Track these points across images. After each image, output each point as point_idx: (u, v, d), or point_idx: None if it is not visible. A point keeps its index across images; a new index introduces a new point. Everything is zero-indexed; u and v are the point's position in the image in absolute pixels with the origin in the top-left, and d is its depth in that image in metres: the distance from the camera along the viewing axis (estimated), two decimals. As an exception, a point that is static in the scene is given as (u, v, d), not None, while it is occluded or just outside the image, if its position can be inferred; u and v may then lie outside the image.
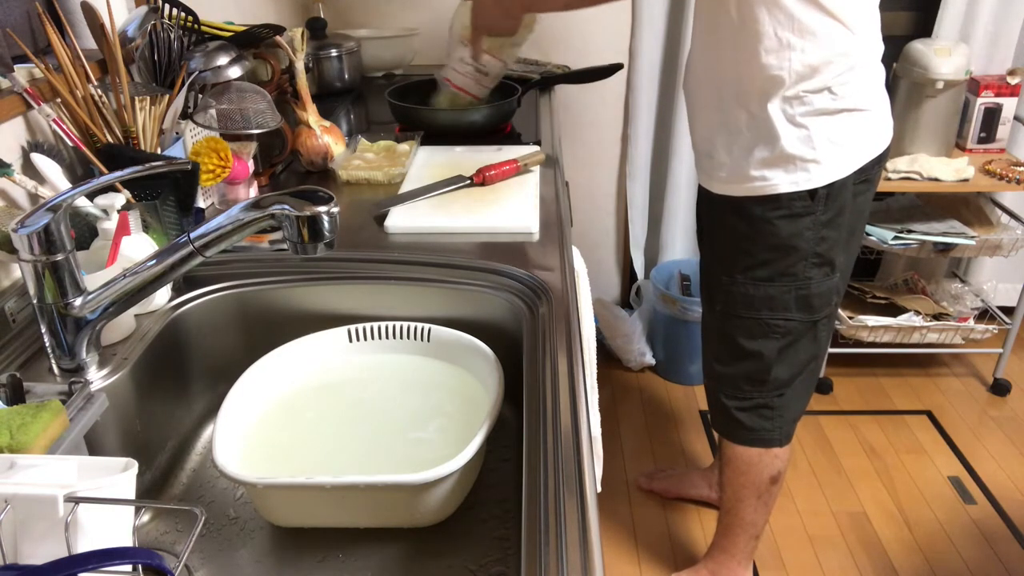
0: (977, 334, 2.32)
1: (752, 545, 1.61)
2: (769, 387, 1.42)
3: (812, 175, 1.24)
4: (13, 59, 0.97)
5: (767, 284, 1.33)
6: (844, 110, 1.22)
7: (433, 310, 1.00)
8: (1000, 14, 2.16)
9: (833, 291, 1.35)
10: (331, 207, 0.72)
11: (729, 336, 1.41)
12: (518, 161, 1.31)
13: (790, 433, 1.49)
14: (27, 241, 0.73)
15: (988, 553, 1.80)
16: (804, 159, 1.23)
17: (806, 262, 1.31)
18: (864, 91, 1.24)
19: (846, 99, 1.22)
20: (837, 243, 1.31)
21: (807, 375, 1.44)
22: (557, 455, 0.68)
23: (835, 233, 1.29)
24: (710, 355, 1.49)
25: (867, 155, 1.28)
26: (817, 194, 1.25)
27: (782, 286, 1.33)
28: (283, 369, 0.93)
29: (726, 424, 1.51)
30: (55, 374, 0.82)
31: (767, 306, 1.35)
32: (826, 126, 1.22)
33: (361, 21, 2.18)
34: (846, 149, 1.25)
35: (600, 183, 2.45)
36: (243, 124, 1.11)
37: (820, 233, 1.28)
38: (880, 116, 1.30)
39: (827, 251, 1.30)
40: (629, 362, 2.46)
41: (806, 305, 1.34)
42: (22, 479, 0.57)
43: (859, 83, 1.23)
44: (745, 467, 1.52)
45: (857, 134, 1.26)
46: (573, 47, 2.24)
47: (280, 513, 0.81)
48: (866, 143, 1.28)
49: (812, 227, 1.28)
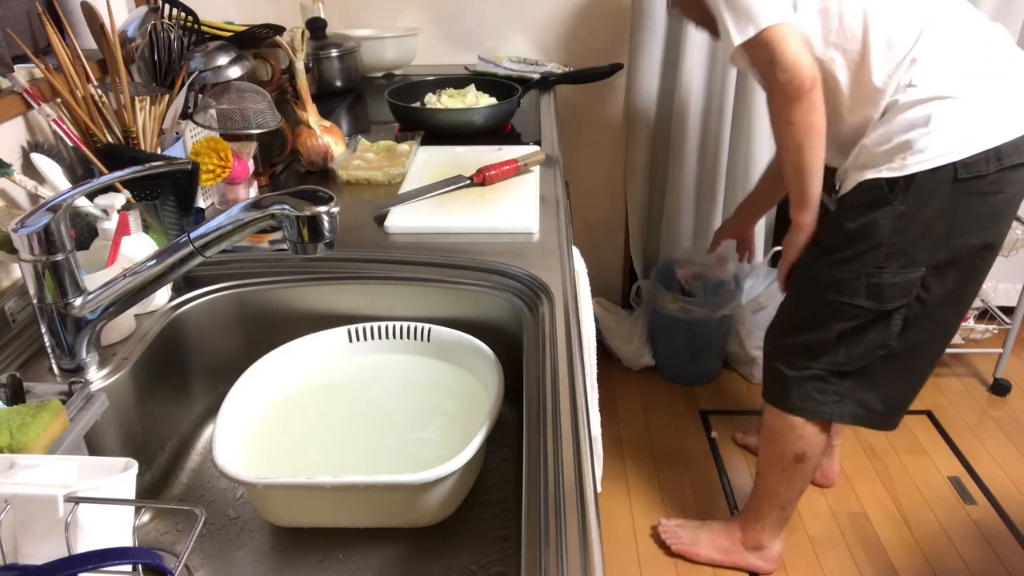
0: (977, 334, 2.32)
1: (777, 515, 1.66)
2: (825, 364, 1.46)
3: (892, 164, 1.27)
4: (13, 59, 0.97)
5: (837, 267, 1.37)
6: (922, 100, 1.24)
7: (433, 310, 1.00)
8: (1000, 14, 2.15)
9: (913, 285, 1.33)
10: (331, 207, 0.72)
11: (793, 309, 1.48)
12: (518, 161, 1.31)
13: (847, 415, 1.50)
14: (27, 241, 0.73)
15: (988, 553, 1.80)
16: (883, 151, 1.28)
17: (878, 251, 1.32)
18: (945, 78, 1.24)
19: (925, 88, 1.24)
20: (921, 237, 1.29)
21: (884, 365, 1.44)
22: (557, 455, 0.68)
23: (916, 226, 1.29)
24: (772, 326, 1.54)
25: (965, 149, 1.24)
26: (897, 185, 1.27)
27: (851, 271, 1.35)
28: (283, 369, 0.93)
29: (774, 387, 1.56)
30: (55, 374, 0.82)
31: (834, 288, 1.38)
32: (904, 118, 1.26)
33: (361, 21, 2.18)
34: (931, 140, 1.24)
35: (600, 183, 2.45)
36: (243, 124, 1.11)
37: (897, 224, 1.28)
38: (976, 105, 1.25)
39: (905, 243, 1.30)
40: (629, 362, 2.46)
41: (876, 294, 1.35)
42: (22, 479, 0.57)
43: (938, 70, 1.24)
44: (772, 436, 1.59)
45: (943, 125, 1.24)
46: (573, 47, 2.24)
47: (280, 513, 0.81)
48: (958, 135, 1.24)
49: (889, 217, 1.29)
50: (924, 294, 1.35)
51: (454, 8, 2.20)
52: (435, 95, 1.70)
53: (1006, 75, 1.27)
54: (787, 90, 1.26)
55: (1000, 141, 1.24)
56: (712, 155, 2.23)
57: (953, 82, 1.25)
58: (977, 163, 1.24)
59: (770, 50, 1.25)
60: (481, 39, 2.23)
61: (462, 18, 2.21)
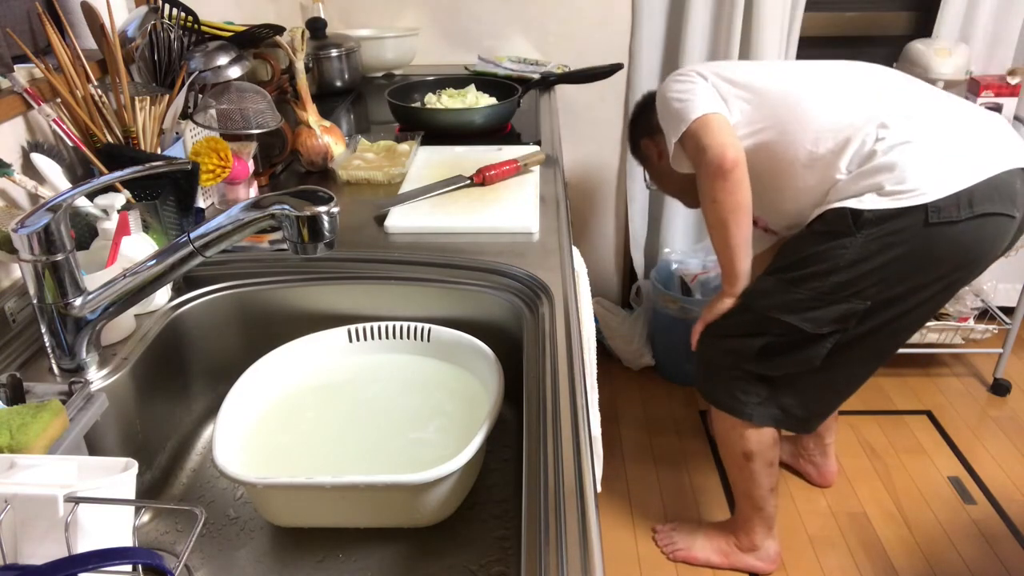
0: (977, 334, 2.32)
1: (758, 514, 1.68)
2: (751, 368, 1.50)
3: (862, 198, 1.30)
4: (13, 59, 0.97)
5: (785, 285, 1.40)
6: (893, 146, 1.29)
7: (433, 310, 1.00)
8: (1000, 14, 2.16)
9: (852, 316, 1.35)
10: (331, 207, 0.72)
11: (733, 312, 1.50)
12: (518, 161, 1.31)
13: (766, 417, 1.54)
14: (27, 241, 0.73)
15: (988, 553, 1.80)
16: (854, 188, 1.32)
17: (828, 278, 1.34)
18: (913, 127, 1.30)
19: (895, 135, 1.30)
20: (875, 272, 1.31)
21: (807, 377, 1.48)
22: (557, 455, 0.68)
23: (874, 261, 1.30)
24: (714, 323, 1.55)
25: (936, 191, 1.26)
26: (862, 217, 1.29)
27: (797, 292, 1.38)
28: (283, 369, 0.93)
29: (703, 382, 1.61)
30: (55, 374, 0.82)
31: (776, 304, 1.41)
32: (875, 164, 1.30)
33: (361, 21, 2.18)
34: (901, 183, 1.27)
35: (600, 183, 2.45)
36: (243, 124, 1.11)
37: (855, 255, 1.30)
38: (944, 149, 1.29)
39: (858, 275, 1.31)
40: (629, 362, 2.46)
41: (813, 319, 1.37)
42: (22, 479, 0.57)
43: (905, 122, 1.31)
44: (719, 436, 1.66)
45: (914, 167, 1.27)
46: (573, 47, 2.24)
47: (280, 513, 0.81)
48: (928, 176, 1.27)
49: (848, 247, 1.31)
50: (860, 326, 1.37)
51: (454, 8, 2.20)
52: (435, 95, 1.70)
53: (967, 125, 1.33)
54: (711, 168, 1.36)
55: (968, 183, 1.26)
56: (712, 155, 2.23)
57: (916, 132, 1.30)
58: (948, 208, 1.26)
59: (696, 137, 1.39)
60: (481, 39, 2.23)
61: (462, 18, 2.21)
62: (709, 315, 1.54)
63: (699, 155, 1.38)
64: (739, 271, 1.45)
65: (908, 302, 1.35)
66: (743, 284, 1.47)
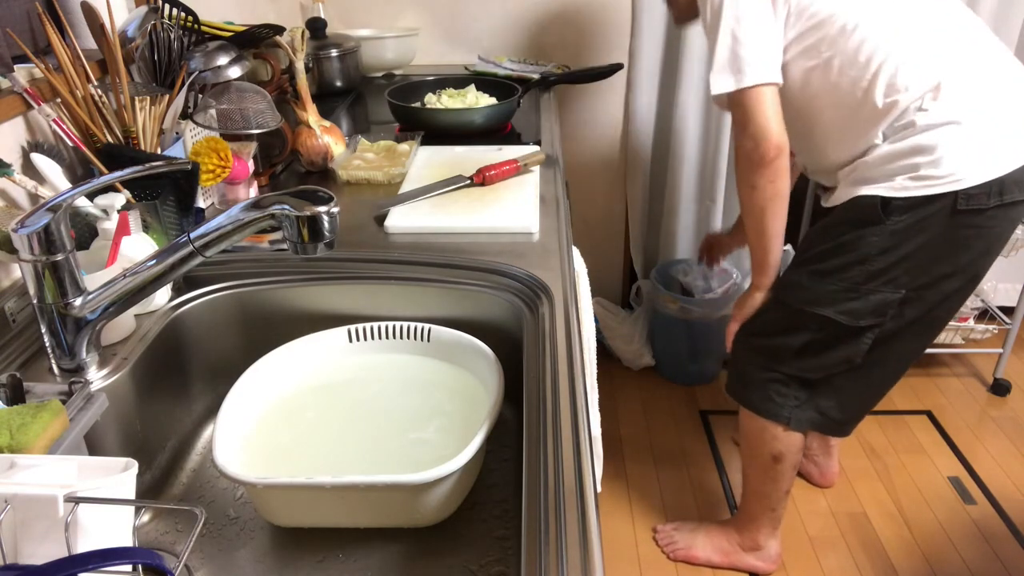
0: (977, 334, 2.32)
1: (769, 515, 1.66)
2: (788, 369, 1.46)
3: (893, 184, 1.25)
4: (13, 59, 0.97)
5: (816, 277, 1.36)
6: (931, 126, 1.22)
7: (433, 310, 1.00)
8: (1000, 14, 2.15)
9: (889, 306, 1.32)
10: (331, 207, 0.72)
11: (766, 311, 1.47)
12: (518, 161, 1.31)
13: (804, 421, 1.51)
14: (27, 241, 0.73)
15: (988, 553, 1.80)
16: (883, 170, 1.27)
17: (861, 267, 1.30)
18: (957, 104, 1.21)
19: (936, 113, 1.22)
20: (907, 260, 1.28)
21: (846, 377, 1.45)
22: (557, 455, 0.68)
23: (905, 249, 1.27)
24: (746, 324, 1.52)
25: (970, 178, 1.21)
26: (891, 204, 1.25)
27: (830, 284, 1.34)
28: (283, 369, 0.93)
29: (737, 384, 1.57)
30: (55, 374, 0.82)
31: (809, 299, 1.37)
32: (911, 142, 1.24)
33: (361, 21, 2.18)
34: (936, 167, 1.22)
35: (600, 183, 2.45)
36: (243, 124, 1.11)
37: (886, 243, 1.27)
38: (982, 133, 1.22)
39: (890, 263, 1.28)
40: (629, 362, 2.46)
41: (851, 310, 1.34)
42: (22, 479, 0.57)
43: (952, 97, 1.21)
44: (748, 437, 1.59)
45: (950, 152, 1.21)
46: (573, 47, 2.24)
47: (280, 513, 0.81)
48: (964, 163, 1.21)
49: (879, 235, 1.27)
50: (898, 316, 1.34)
51: (454, 8, 2.20)
52: (435, 95, 1.70)
53: (1012, 103, 1.26)
54: (752, 156, 1.29)
55: (1004, 171, 1.22)
56: (712, 155, 2.23)
57: (964, 110, 1.22)
58: (979, 196, 1.22)
59: (743, 111, 1.29)
60: (481, 39, 2.23)
61: (462, 18, 2.21)
62: (741, 313, 1.49)
63: (740, 132, 1.30)
64: (771, 261, 1.40)
65: (937, 292, 1.32)
66: (773, 275, 1.43)
